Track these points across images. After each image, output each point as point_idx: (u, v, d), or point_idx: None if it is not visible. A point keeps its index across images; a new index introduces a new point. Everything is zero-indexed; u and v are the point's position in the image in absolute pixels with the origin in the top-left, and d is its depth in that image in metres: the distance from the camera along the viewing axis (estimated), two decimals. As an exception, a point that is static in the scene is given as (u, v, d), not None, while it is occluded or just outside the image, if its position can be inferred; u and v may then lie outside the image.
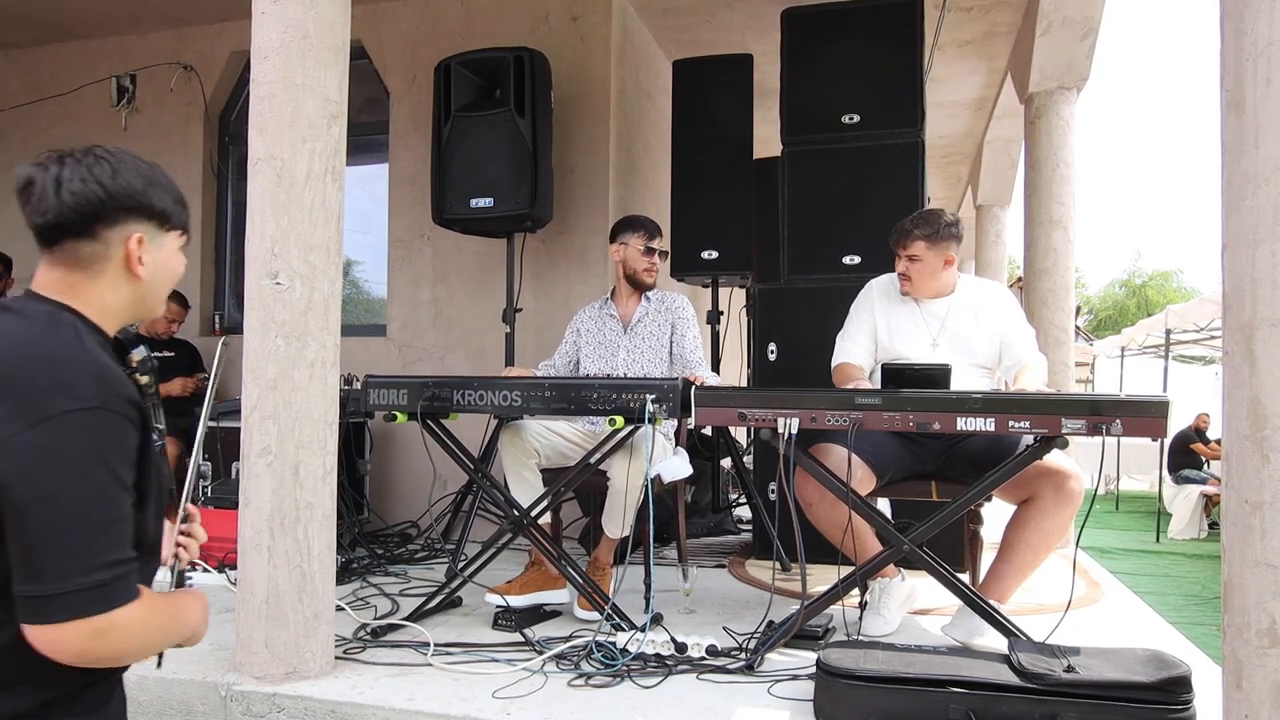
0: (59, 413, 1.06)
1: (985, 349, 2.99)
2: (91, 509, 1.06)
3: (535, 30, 4.74)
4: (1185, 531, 9.09)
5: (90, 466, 1.07)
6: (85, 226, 1.19)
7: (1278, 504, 1.63)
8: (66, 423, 1.06)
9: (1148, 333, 10.62)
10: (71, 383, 1.09)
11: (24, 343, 1.12)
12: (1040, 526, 2.65)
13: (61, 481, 1.05)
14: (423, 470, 4.36)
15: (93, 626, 1.05)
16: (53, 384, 1.08)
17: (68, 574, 1.04)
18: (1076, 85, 4.87)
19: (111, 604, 1.06)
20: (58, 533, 1.04)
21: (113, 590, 1.07)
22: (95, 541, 1.06)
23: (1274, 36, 1.65)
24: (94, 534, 1.06)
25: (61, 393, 1.07)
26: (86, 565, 1.05)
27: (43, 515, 1.04)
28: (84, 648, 1.06)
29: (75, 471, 1.05)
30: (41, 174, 1.18)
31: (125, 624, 1.08)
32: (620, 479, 2.93)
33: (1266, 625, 1.64)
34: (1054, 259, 4.78)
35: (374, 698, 2.27)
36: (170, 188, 1.28)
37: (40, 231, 1.20)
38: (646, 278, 3.45)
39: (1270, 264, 1.64)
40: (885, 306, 3.12)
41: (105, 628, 1.06)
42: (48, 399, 1.06)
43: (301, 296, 2.38)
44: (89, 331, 1.19)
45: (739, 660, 2.52)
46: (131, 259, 1.23)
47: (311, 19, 2.41)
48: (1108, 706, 1.95)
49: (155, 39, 5.50)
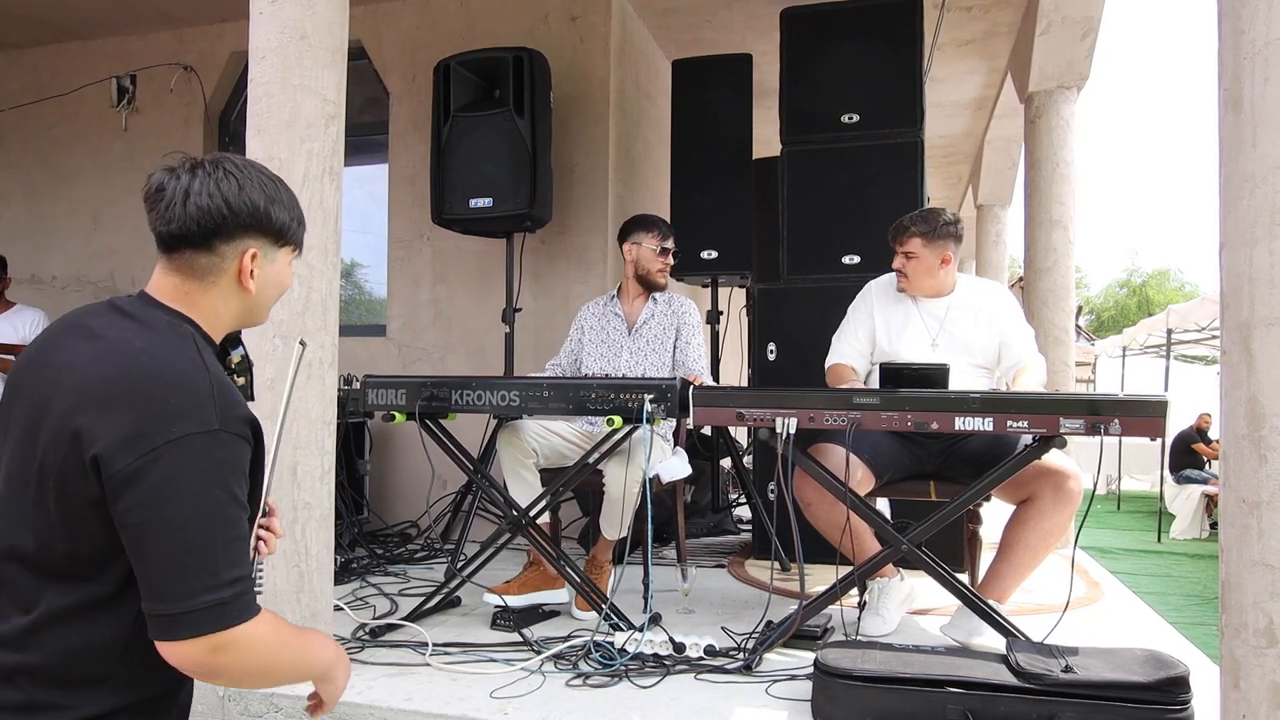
0: (181, 435, 1.09)
1: (984, 349, 2.99)
2: (212, 530, 1.10)
3: (535, 30, 4.74)
4: (1187, 531, 9.08)
5: (209, 488, 1.10)
6: (204, 239, 1.22)
7: (1275, 503, 1.62)
8: (188, 445, 1.09)
9: (1149, 332, 10.61)
10: (196, 405, 1.12)
11: (149, 358, 1.15)
12: (1039, 526, 2.64)
13: (183, 503, 1.08)
14: (422, 470, 4.36)
15: (213, 643, 1.09)
16: (179, 406, 1.11)
17: (191, 594, 1.07)
18: (1076, 85, 4.87)
19: (232, 621, 1.10)
20: (181, 554, 1.08)
21: (232, 608, 1.10)
22: (215, 562, 1.09)
23: (1271, 35, 1.64)
24: (214, 554, 1.09)
25: (186, 416, 1.10)
26: (208, 584, 1.08)
27: (165, 537, 1.08)
28: (205, 661, 1.10)
29: (195, 494, 1.09)
30: (173, 183, 1.21)
31: (246, 640, 1.12)
32: (616, 485, 2.92)
33: (1264, 625, 1.63)
34: (1054, 258, 4.77)
35: (372, 697, 2.27)
36: (291, 205, 1.31)
37: (162, 238, 1.23)
38: (660, 278, 3.44)
39: (1268, 263, 1.64)
40: (884, 307, 3.11)
41: (226, 644, 1.10)
42: (172, 421, 1.09)
43: (299, 297, 2.39)
44: (205, 345, 1.23)
45: (737, 660, 2.52)
46: (244, 273, 1.26)
47: (309, 19, 2.42)
48: (1105, 707, 1.95)
49: (155, 39, 5.50)
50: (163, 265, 1.25)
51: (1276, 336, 1.63)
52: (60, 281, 5.67)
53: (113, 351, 1.15)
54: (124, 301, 1.25)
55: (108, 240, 5.53)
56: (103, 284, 5.56)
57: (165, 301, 1.24)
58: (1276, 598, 1.62)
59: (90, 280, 5.60)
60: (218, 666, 1.11)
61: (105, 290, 5.54)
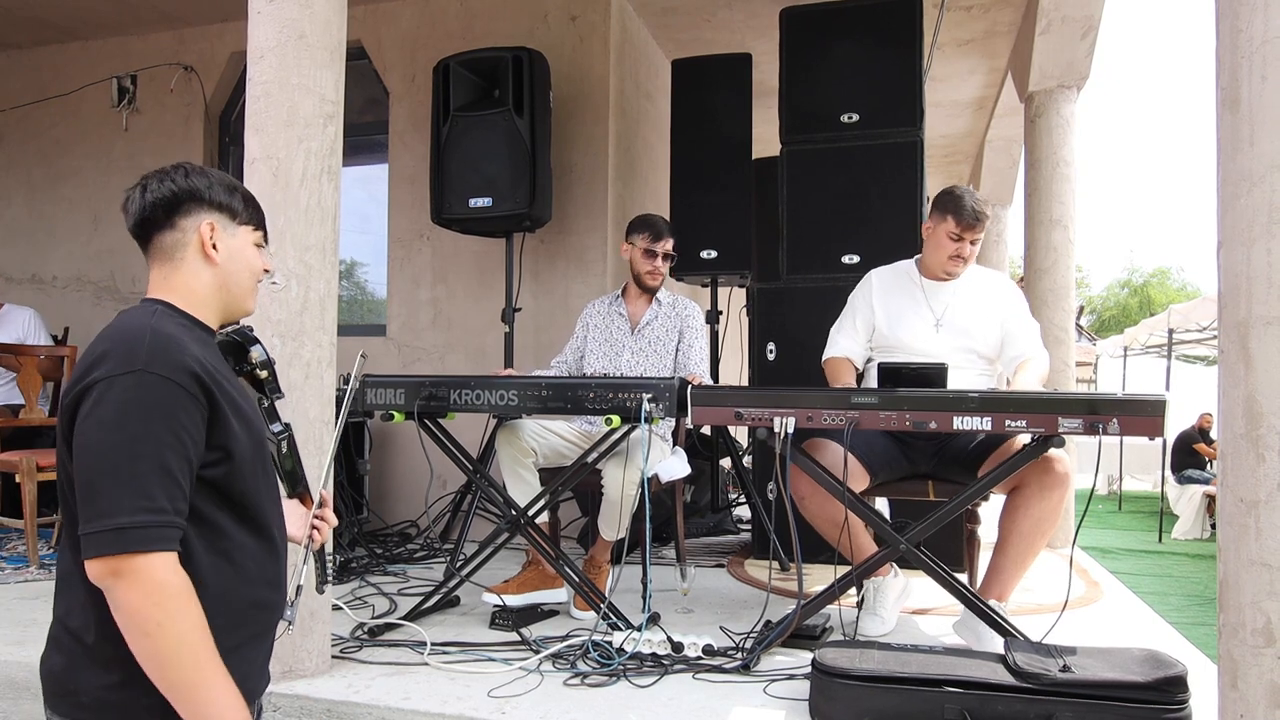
0: (107, 375, 1.20)
1: (987, 338, 2.97)
2: (126, 460, 1.17)
3: (534, 30, 4.74)
4: (1189, 532, 9.06)
5: (127, 422, 1.18)
6: (166, 217, 1.36)
7: (1273, 503, 1.62)
8: (111, 384, 1.20)
9: (1150, 332, 10.59)
10: (127, 352, 1.23)
11: (109, 329, 1.30)
12: (1030, 513, 2.63)
13: (102, 434, 1.18)
14: (422, 470, 4.36)
15: (112, 565, 1.15)
16: (112, 353, 1.23)
17: (99, 515, 1.16)
18: (1076, 84, 4.86)
19: (131, 547, 1.15)
20: (95, 477, 1.17)
21: (133, 535, 1.16)
22: (124, 489, 1.17)
23: (1269, 34, 1.64)
24: (124, 482, 1.17)
25: (115, 359, 1.22)
26: (113, 508, 1.16)
27: (85, 462, 1.18)
28: (107, 584, 1.16)
29: (114, 425, 1.18)
30: (134, 190, 1.38)
31: (145, 572, 1.16)
32: (614, 485, 2.92)
33: (1262, 624, 1.63)
34: (1054, 258, 4.77)
35: (370, 697, 2.27)
36: (242, 191, 1.45)
37: (135, 233, 1.38)
38: (648, 280, 3.43)
39: (1265, 262, 1.63)
40: (886, 295, 3.08)
41: (123, 569, 1.15)
42: (103, 363, 1.21)
43: (297, 296, 2.38)
44: (171, 315, 1.34)
45: (735, 660, 2.51)
46: (205, 244, 1.38)
47: (307, 19, 2.41)
48: (1103, 706, 1.95)
49: (155, 40, 5.51)
50: (149, 266, 1.39)
51: (1274, 335, 1.62)
52: (61, 281, 5.68)
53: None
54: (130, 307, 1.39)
55: (108, 240, 5.54)
56: (103, 284, 5.57)
57: (149, 293, 1.38)
58: (1274, 597, 1.61)
59: (90, 280, 5.60)
60: (116, 594, 1.16)
61: (106, 290, 5.55)
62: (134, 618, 1.17)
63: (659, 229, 3.42)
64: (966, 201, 2.89)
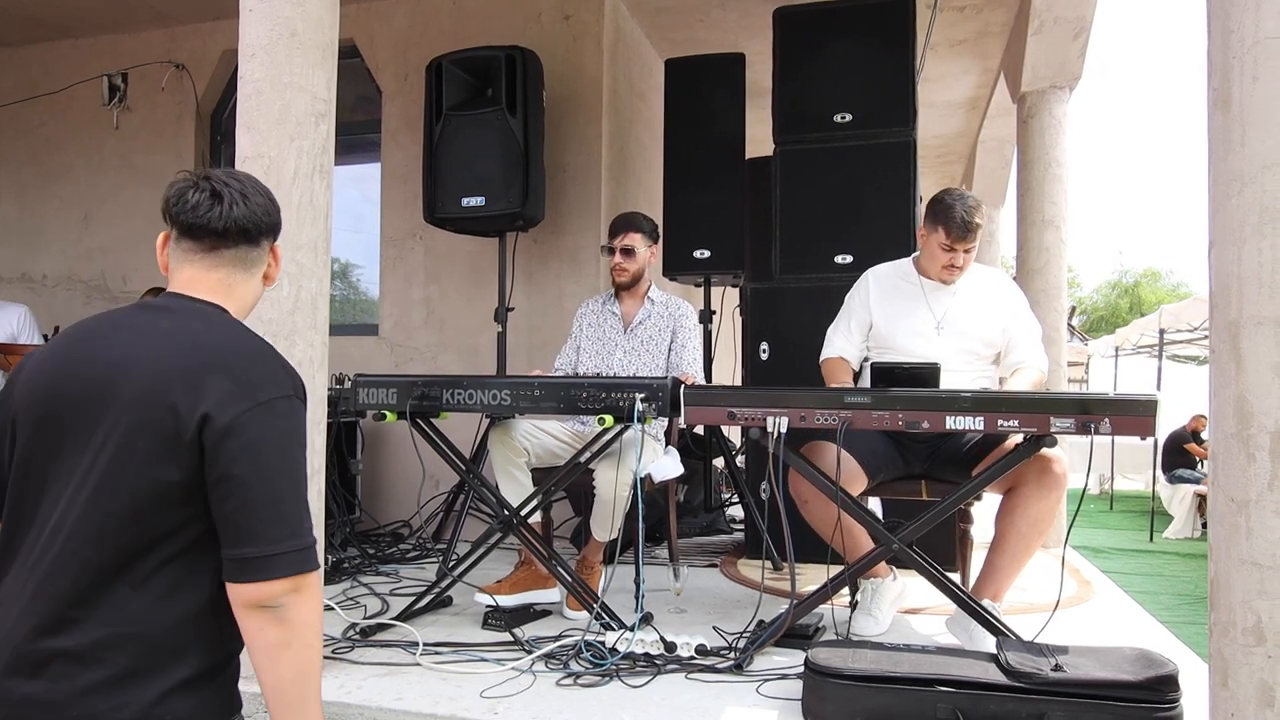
0: (268, 399, 1.25)
1: (989, 338, 2.95)
2: (297, 483, 1.26)
3: (527, 29, 4.73)
4: (1180, 531, 9.10)
5: (292, 447, 1.27)
6: (259, 234, 1.41)
7: (1263, 502, 1.62)
8: (273, 408, 1.25)
9: (1142, 332, 10.64)
10: (275, 373, 1.30)
11: (217, 336, 1.30)
12: (1027, 513, 2.64)
13: (275, 458, 1.24)
14: (415, 470, 4.35)
15: (295, 583, 1.23)
16: (261, 373, 1.28)
17: (285, 538, 1.22)
18: (1069, 84, 4.88)
19: (313, 566, 1.25)
20: (276, 502, 1.23)
21: (312, 554, 1.26)
22: (301, 511, 1.26)
23: (1260, 34, 1.64)
24: (299, 505, 1.26)
25: (271, 381, 1.27)
26: (296, 531, 1.24)
27: (262, 487, 1.22)
28: (285, 598, 1.22)
29: (283, 450, 1.25)
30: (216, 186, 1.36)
31: (316, 586, 1.26)
32: (607, 486, 2.92)
33: (1252, 623, 1.63)
34: (1046, 258, 4.78)
35: (361, 697, 2.26)
36: None
37: (219, 233, 1.37)
38: (615, 277, 3.42)
39: (1256, 262, 1.64)
40: (883, 295, 3.05)
41: (303, 585, 1.24)
42: (258, 386, 1.25)
43: (289, 295, 2.37)
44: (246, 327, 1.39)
45: (728, 660, 2.51)
46: (271, 268, 1.46)
47: (299, 17, 2.40)
48: (1095, 705, 1.95)
49: (147, 38, 5.48)
50: (206, 261, 1.38)
51: (1265, 336, 1.63)
52: (51, 280, 5.64)
53: (177, 337, 1.28)
54: (156, 301, 1.37)
55: (99, 239, 5.51)
56: (94, 282, 5.54)
57: (203, 296, 1.37)
58: (1264, 596, 1.62)
59: (81, 279, 5.57)
60: (290, 607, 1.23)
61: (96, 289, 5.52)
62: (307, 630, 1.26)
63: (615, 225, 3.41)
64: (957, 212, 2.80)
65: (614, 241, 3.38)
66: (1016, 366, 2.90)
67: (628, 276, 3.39)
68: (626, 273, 3.38)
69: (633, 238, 3.37)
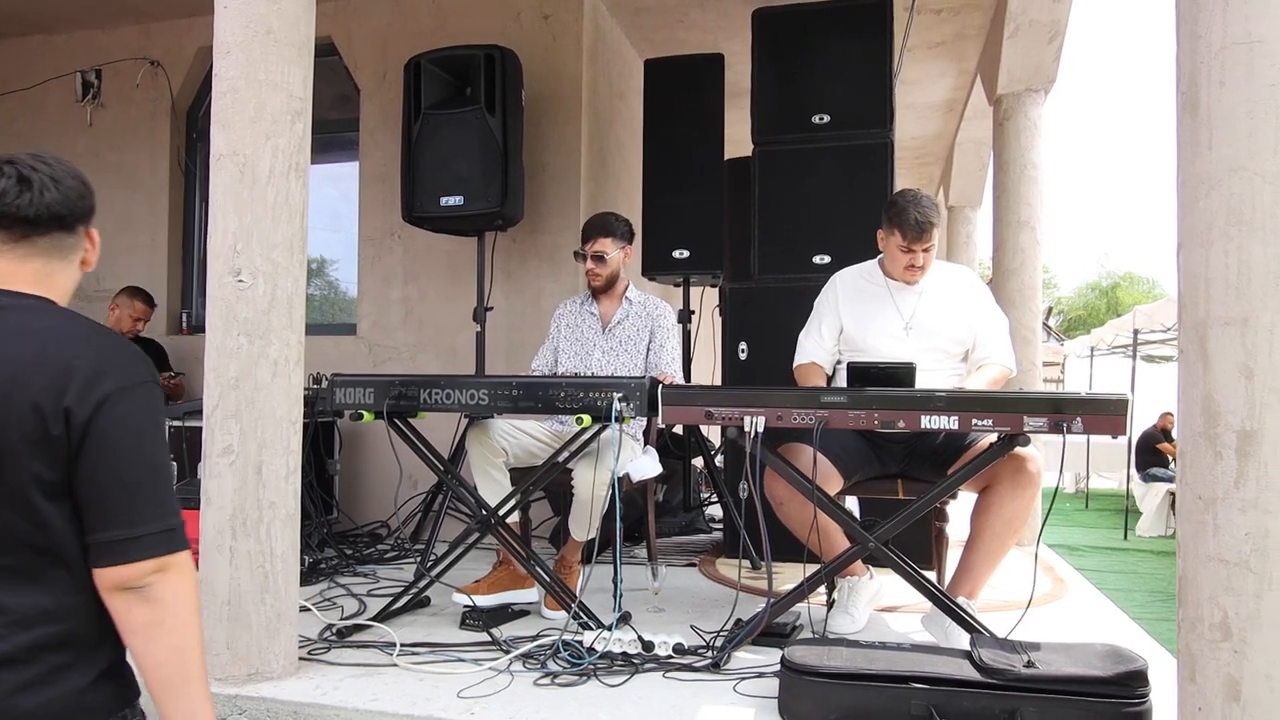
0: (126, 386, 1.24)
1: (957, 336, 2.98)
2: (159, 468, 1.27)
3: (507, 28, 4.72)
4: (1153, 528, 9.22)
5: (155, 431, 1.28)
6: (73, 221, 1.33)
7: (1230, 500, 1.65)
8: (134, 393, 1.25)
9: (1116, 333, 10.75)
10: (130, 361, 1.28)
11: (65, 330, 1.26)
12: (1002, 512, 2.66)
13: (139, 441, 1.24)
14: (392, 470, 4.32)
15: (161, 563, 1.23)
16: (118, 362, 1.26)
17: (150, 519, 1.23)
18: (1044, 87, 4.93)
19: (180, 546, 1.26)
20: (140, 483, 1.23)
21: (179, 535, 1.26)
22: (166, 493, 1.27)
23: (1227, 39, 1.67)
24: (164, 486, 1.27)
25: (126, 369, 1.26)
26: (162, 512, 1.25)
27: (125, 469, 1.22)
28: (151, 578, 1.22)
29: (147, 433, 1.26)
30: (24, 171, 1.29)
31: (185, 567, 1.26)
32: (585, 486, 2.92)
33: (1219, 619, 1.66)
34: (1021, 259, 4.83)
35: (337, 699, 2.25)
36: None
37: (31, 221, 1.29)
38: (589, 280, 3.43)
39: (1223, 264, 1.67)
40: (852, 298, 3.08)
41: (170, 564, 1.24)
42: (116, 374, 1.24)
43: (264, 294, 2.36)
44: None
45: (706, 658, 2.52)
46: (88, 253, 1.38)
47: (275, 14, 2.39)
48: (1066, 701, 1.98)
49: (121, 34, 5.42)
50: (20, 252, 1.29)
51: (1231, 336, 1.66)
52: (23, 279, 5.56)
53: (22, 336, 1.22)
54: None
55: (72, 237, 5.43)
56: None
57: (25, 289, 1.29)
58: (1231, 592, 1.64)
59: (54, 278, 5.49)
60: (156, 586, 1.23)
61: (69, 288, 5.44)
62: (180, 608, 1.25)
63: (585, 230, 3.41)
64: (911, 214, 2.83)
65: (585, 247, 3.38)
66: (982, 362, 2.94)
67: (601, 281, 3.39)
68: (600, 277, 3.38)
69: (603, 243, 3.36)
